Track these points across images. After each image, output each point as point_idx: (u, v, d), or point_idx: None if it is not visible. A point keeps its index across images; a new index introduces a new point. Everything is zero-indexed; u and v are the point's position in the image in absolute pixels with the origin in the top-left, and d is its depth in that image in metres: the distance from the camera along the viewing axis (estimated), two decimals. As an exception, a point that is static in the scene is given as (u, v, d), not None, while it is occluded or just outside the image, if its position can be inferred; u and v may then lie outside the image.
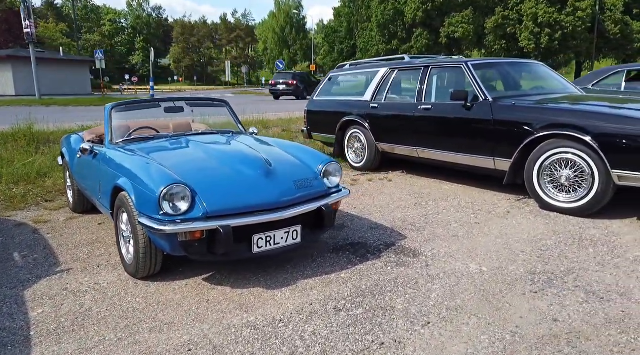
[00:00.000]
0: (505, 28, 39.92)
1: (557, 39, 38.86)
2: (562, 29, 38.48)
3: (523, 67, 5.20)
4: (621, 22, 40.72)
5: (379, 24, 40.69)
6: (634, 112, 3.54)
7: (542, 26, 38.53)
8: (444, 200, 4.27)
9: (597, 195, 3.54)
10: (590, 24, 39.38)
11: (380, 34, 41.21)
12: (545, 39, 38.78)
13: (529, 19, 38.69)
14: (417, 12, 38.66)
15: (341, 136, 6.00)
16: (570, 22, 38.18)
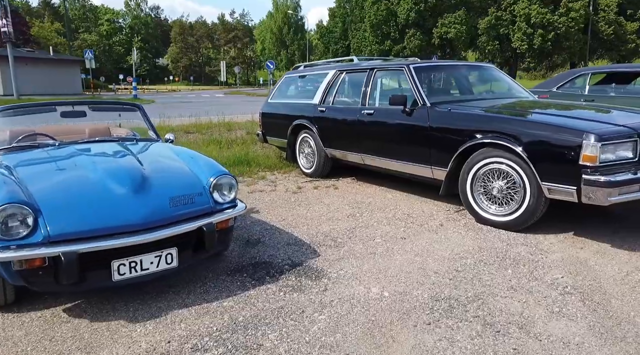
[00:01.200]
0: (498, 29, 39.78)
1: (550, 39, 38.69)
2: (555, 30, 38.31)
3: (473, 71, 4.96)
4: (615, 22, 40.55)
5: (372, 25, 40.56)
6: (565, 119, 3.30)
7: (535, 27, 38.36)
8: (381, 211, 4.03)
9: (529, 209, 3.30)
10: (584, 25, 39.21)
11: (373, 34, 41.07)
12: (538, 40, 38.61)
13: (522, 19, 38.53)
14: (409, 13, 38.55)
15: (293, 140, 5.75)
16: (563, 23, 38.01)
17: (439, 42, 39.61)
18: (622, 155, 2.99)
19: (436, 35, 39.25)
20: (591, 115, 3.46)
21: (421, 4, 38.51)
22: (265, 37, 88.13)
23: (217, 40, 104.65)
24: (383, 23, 40.13)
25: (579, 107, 3.91)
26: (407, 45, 39.82)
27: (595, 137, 2.88)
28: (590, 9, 39.54)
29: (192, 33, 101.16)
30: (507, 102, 4.23)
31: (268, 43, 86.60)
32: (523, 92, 4.78)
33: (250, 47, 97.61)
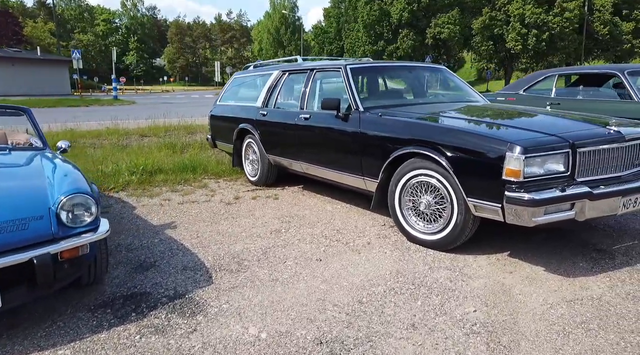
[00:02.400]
0: (493, 29, 39.35)
1: (545, 40, 38.31)
2: (549, 30, 37.94)
3: (423, 73, 4.61)
4: (610, 22, 40.21)
5: (365, 25, 40.19)
6: (492, 127, 2.96)
7: (529, 27, 37.97)
8: (310, 226, 3.68)
9: (457, 227, 2.95)
10: (578, 25, 38.85)
11: (366, 34, 40.71)
12: (532, 40, 38.21)
13: (516, 19, 38.13)
14: (402, 13, 38.18)
15: (239, 146, 5.41)
16: (557, 23, 37.65)
17: (432, 42, 39.22)
18: (551, 168, 2.64)
19: (429, 35, 38.86)
20: (523, 123, 3.12)
21: (414, 4, 38.13)
22: (262, 38, 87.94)
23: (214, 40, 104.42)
24: (376, 23, 39.74)
25: (517, 113, 3.56)
26: (401, 46, 39.42)
27: (519, 148, 2.54)
28: (585, 9, 39.21)
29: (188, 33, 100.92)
30: (450, 107, 3.89)
31: (265, 43, 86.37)
32: (474, 96, 4.44)
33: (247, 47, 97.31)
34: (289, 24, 75.87)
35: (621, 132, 2.83)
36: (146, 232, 3.50)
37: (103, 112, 13.79)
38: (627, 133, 2.87)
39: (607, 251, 3.10)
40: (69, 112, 14.25)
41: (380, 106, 3.77)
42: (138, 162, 5.47)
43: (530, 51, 40.23)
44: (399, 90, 4.31)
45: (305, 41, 69.79)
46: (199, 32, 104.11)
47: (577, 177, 2.69)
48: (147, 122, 9.47)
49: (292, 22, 76.32)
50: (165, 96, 33.72)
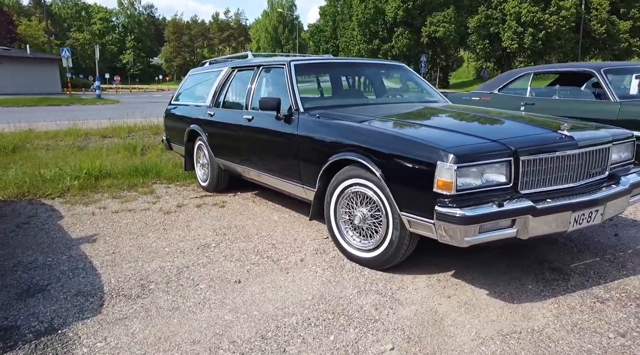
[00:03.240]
0: (489, 27, 39.06)
1: (541, 38, 38.04)
2: (545, 29, 37.65)
3: (378, 71, 4.27)
4: (607, 21, 39.95)
5: (360, 23, 39.80)
6: (428, 132, 2.62)
7: (526, 26, 37.68)
8: (245, 240, 3.35)
9: (392, 244, 2.62)
10: (575, 24, 38.56)
11: (361, 33, 40.34)
12: (528, 39, 37.94)
13: (512, 18, 37.84)
14: (397, 11, 37.81)
15: (191, 148, 5.07)
16: (554, 22, 37.39)
17: (427, 41, 38.84)
18: (491, 179, 2.31)
19: (425, 34, 38.47)
20: (465, 127, 2.78)
21: (409, 2, 37.73)
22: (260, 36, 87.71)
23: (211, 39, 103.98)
24: (371, 22, 39.34)
25: (467, 115, 3.21)
26: (396, 44, 39.03)
27: (451, 156, 2.20)
28: (582, 8, 38.92)
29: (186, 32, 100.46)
30: (401, 108, 3.56)
31: (263, 42, 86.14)
32: (434, 96, 4.10)
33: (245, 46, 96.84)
34: (287, 23, 75.60)
35: (573, 138, 2.50)
36: (58, 247, 3.17)
37: (79, 112, 13.43)
38: (581, 138, 2.53)
39: (562, 270, 2.77)
40: (46, 112, 13.89)
41: (324, 107, 3.44)
42: (83, 165, 5.13)
43: (527, 50, 39.95)
44: (350, 90, 3.98)
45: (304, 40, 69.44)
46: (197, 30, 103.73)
47: (520, 189, 2.36)
48: (118, 121, 9.11)
49: (290, 21, 76.03)
50: (157, 95, 33.32)
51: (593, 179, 2.64)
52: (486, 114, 3.11)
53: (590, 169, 2.59)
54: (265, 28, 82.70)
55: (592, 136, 2.64)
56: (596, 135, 2.68)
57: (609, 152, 2.71)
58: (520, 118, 3.05)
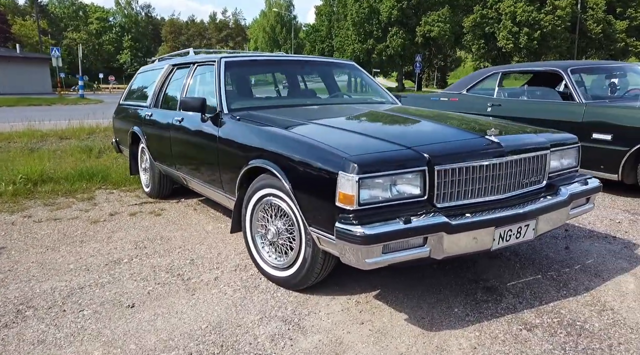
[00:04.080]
0: (484, 27, 38.67)
1: (536, 38, 37.70)
2: (541, 29, 37.32)
3: (323, 69, 3.99)
4: (603, 21, 39.67)
5: (354, 23, 39.48)
6: (337, 137, 2.34)
7: (521, 25, 37.33)
8: (165, 254, 3.07)
9: (305, 263, 2.35)
10: (571, 24, 38.25)
11: (355, 32, 40.00)
12: (524, 39, 37.58)
13: (508, 17, 37.48)
14: (392, 11, 37.48)
15: (136, 150, 4.79)
16: (549, 21, 37.04)
17: (422, 41, 38.51)
18: (402, 192, 2.04)
19: (419, 33, 38.14)
20: (385, 132, 2.49)
21: (404, 2, 37.41)
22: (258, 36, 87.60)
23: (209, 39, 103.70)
24: (365, 21, 39.02)
25: (397, 118, 2.92)
26: (390, 44, 38.71)
27: (353, 166, 1.93)
28: (578, 7, 38.64)
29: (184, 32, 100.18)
30: (338, 111, 3.28)
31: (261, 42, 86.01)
32: (383, 97, 3.84)
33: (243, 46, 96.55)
34: (285, 23, 75.43)
35: (501, 144, 2.23)
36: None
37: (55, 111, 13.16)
38: (510, 144, 2.26)
39: (496, 290, 2.50)
40: (22, 112, 13.61)
41: (253, 108, 3.17)
42: (22, 169, 4.85)
43: (523, 50, 39.65)
44: (291, 90, 3.70)
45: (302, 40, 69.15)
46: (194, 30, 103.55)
47: (437, 203, 2.09)
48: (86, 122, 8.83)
49: (288, 21, 75.82)
50: None
51: (527, 189, 2.37)
52: (417, 117, 2.82)
53: (523, 178, 2.33)
54: (262, 28, 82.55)
55: (524, 142, 2.37)
56: (530, 140, 2.42)
57: (545, 159, 2.44)
58: (449, 121, 2.77)
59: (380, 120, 2.92)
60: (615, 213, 3.87)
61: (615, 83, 5.13)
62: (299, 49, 64.60)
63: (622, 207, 4.05)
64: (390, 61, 41.42)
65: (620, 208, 4.02)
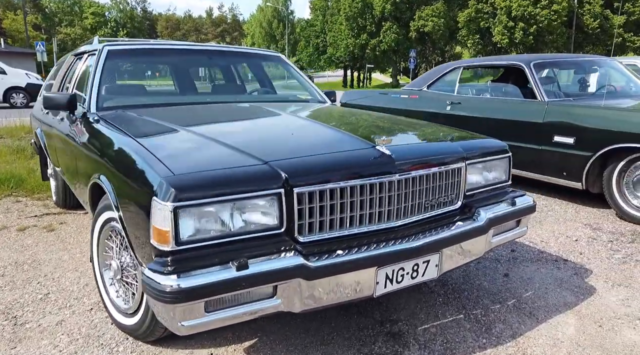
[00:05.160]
0: (479, 22, 38.09)
1: (532, 33, 37.14)
2: (537, 23, 36.75)
3: (238, 60, 3.44)
4: (600, 16, 39.12)
5: (347, 17, 38.82)
6: (169, 152, 1.78)
7: (516, 20, 36.74)
8: (19, 286, 2.54)
9: (148, 310, 1.84)
10: (567, 18, 37.66)
11: (349, 27, 39.35)
12: (519, 34, 37.03)
13: (503, 12, 36.89)
14: (385, 5, 36.82)
15: (44, 153, 4.25)
16: (545, 16, 36.48)
17: (416, 36, 37.87)
18: (248, 223, 1.51)
19: (413, 28, 37.49)
20: (245, 140, 1.88)
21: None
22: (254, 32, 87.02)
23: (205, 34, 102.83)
24: (358, 15, 38.36)
25: (294, 122, 2.38)
26: (384, 39, 38.07)
27: (168, 190, 1.41)
28: (575, 2, 38.05)
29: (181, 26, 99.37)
30: (237, 111, 2.74)
31: (257, 37, 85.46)
32: (311, 94, 3.30)
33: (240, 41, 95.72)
34: (282, 18, 74.91)
35: (392, 156, 1.71)
36: None
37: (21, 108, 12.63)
38: (405, 157, 1.75)
39: (402, 337, 1.99)
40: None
41: (129, 107, 2.64)
42: None
43: (518, 45, 39.11)
44: (183, 85, 3.16)
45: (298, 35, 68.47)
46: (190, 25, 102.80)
47: (299, 236, 1.58)
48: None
49: (285, 16, 75.19)
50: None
51: (433, 213, 1.85)
52: (311, 121, 2.29)
53: (427, 199, 1.81)
54: (259, 23, 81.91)
55: (427, 153, 1.85)
56: (437, 151, 1.90)
57: (460, 174, 1.93)
58: (343, 125, 2.23)
59: (261, 125, 2.35)
60: (574, 228, 3.36)
61: (586, 79, 4.61)
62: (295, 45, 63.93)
63: (584, 220, 3.54)
64: (384, 57, 40.79)
65: (582, 221, 3.51)
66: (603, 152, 3.41)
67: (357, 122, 2.37)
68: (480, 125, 4.39)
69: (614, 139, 3.33)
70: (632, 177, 3.36)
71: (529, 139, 3.92)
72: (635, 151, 3.30)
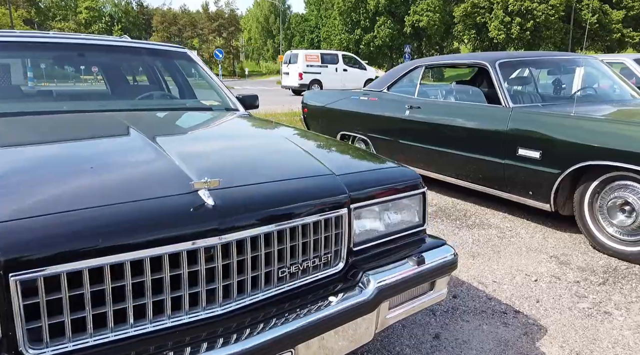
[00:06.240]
0: (475, 17, 37.32)
1: (529, 28, 36.44)
2: (534, 18, 36.03)
3: (119, 57, 2.81)
4: (599, 11, 38.41)
5: (341, 12, 38.07)
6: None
7: (513, 15, 36.01)
8: None
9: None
10: (565, 13, 36.97)
11: (342, 22, 38.60)
12: (516, 29, 36.31)
13: (499, 7, 36.15)
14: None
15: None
16: (542, 11, 35.77)
17: (411, 31, 37.13)
18: None
19: (408, 23, 36.75)
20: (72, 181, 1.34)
21: (392, -10, 36.09)
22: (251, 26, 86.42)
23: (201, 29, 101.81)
24: (352, 10, 37.60)
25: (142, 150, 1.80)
26: (378, 34, 37.32)
27: None
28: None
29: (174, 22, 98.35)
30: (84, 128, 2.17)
31: (254, 32, 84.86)
32: (222, 100, 2.74)
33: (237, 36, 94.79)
34: (279, 13, 74.30)
35: (214, 207, 1.14)
36: None
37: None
38: (231, 207, 1.17)
39: None
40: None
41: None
42: None
43: (515, 41, 38.45)
44: (40, 88, 2.58)
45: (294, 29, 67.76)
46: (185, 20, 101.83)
47: (29, 348, 1.00)
48: None
49: (282, 11, 74.54)
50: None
51: (294, 283, 1.30)
52: (152, 144, 1.68)
53: (282, 265, 1.26)
54: (256, 18, 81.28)
55: (277, 198, 1.28)
56: (297, 191, 1.33)
57: (341, 223, 1.37)
58: (183, 152, 1.59)
59: (68, 151, 1.67)
60: (538, 261, 2.81)
61: (561, 81, 4.04)
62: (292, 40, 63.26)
63: (551, 250, 2.99)
64: (379, 52, 40.11)
65: (548, 252, 2.95)
66: (573, 170, 2.86)
67: (214, 147, 1.76)
68: (439, 134, 3.84)
69: (586, 155, 2.78)
70: (607, 201, 2.81)
71: (491, 150, 3.37)
72: (610, 170, 2.75)
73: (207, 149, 1.74)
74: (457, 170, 3.78)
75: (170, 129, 2.09)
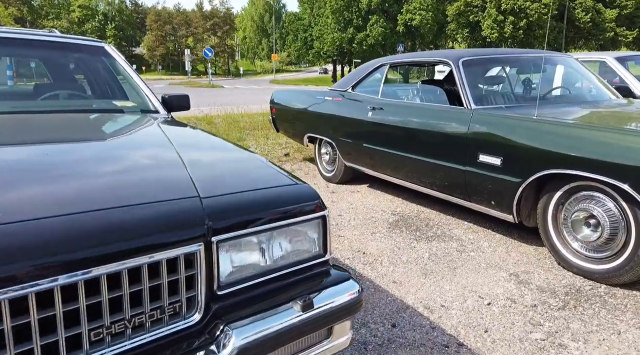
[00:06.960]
0: (468, 16, 37.13)
1: (522, 27, 36.28)
2: (527, 17, 35.87)
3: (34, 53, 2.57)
4: (592, 9, 38.30)
5: (333, 10, 37.74)
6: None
7: (506, 14, 35.85)
8: None
9: None
10: (558, 12, 36.83)
11: (335, 20, 38.28)
12: (509, 28, 36.14)
13: (492, 5, 35.96)
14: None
15: None
16: (535, 9, 35.61)
17: (404, 29, 36.87)
18: None
19: (401, 22, 36.48)
20: None
21: (385, -12, 35.81)
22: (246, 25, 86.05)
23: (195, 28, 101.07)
24: (345, 8, 37.29)
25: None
26: (371, 33, 37.03)
27: None
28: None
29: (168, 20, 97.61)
30: None
31: (249, 31, 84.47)
32: (140, 98, 2.46)
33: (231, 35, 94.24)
34: (273, 12, 73.98)
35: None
36: None
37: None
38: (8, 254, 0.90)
39: None
40: None
41: None
42: None
43: (508, 39, 38.30)
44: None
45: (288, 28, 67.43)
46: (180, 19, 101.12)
47: None
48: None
49: (277, 10, 74.22)
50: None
51: (124, 345, 1.01)
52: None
53: (113, 320, 0.97)
54: (251, 17, 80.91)
55: (91, 233, 0.99)
56: (122, 223, 1.04)
57: (195, 262, 1.08)
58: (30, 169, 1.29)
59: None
60: (495, 281, 2.54)
61: (530, 79, 3.77)
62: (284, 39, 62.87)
63: (512, 266, 2.71)
64: (372, 51, 39.84)
65: (509, 269, 2.68)
66: (535, 179, 2.59)
67: (54, 161, 1.45)
68: (402, 138, 3.57)
69: (548, 163, 2.51)
70: (571, 213, 2.53)
71: (452, 156, 3.09)
72: (574, 179, 2.48)
73: (45, 163, 1.40)
74: (421, 177, 3.51)
75: (40, 136, 1.76)
